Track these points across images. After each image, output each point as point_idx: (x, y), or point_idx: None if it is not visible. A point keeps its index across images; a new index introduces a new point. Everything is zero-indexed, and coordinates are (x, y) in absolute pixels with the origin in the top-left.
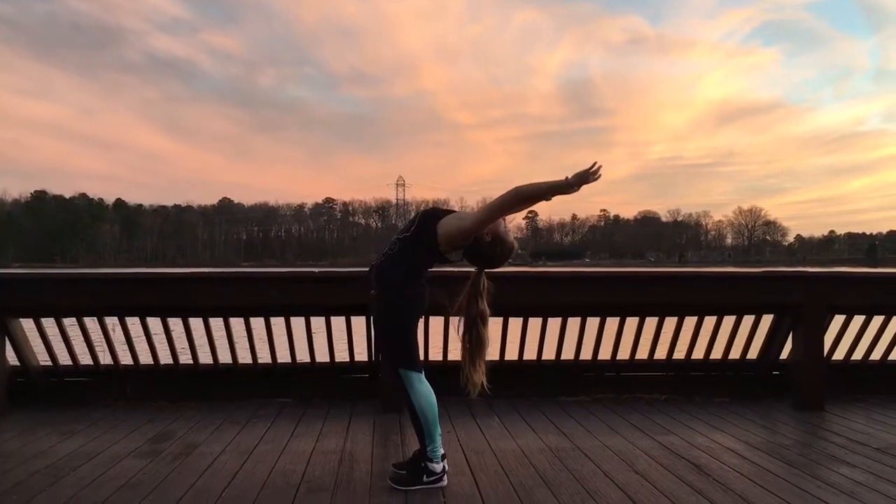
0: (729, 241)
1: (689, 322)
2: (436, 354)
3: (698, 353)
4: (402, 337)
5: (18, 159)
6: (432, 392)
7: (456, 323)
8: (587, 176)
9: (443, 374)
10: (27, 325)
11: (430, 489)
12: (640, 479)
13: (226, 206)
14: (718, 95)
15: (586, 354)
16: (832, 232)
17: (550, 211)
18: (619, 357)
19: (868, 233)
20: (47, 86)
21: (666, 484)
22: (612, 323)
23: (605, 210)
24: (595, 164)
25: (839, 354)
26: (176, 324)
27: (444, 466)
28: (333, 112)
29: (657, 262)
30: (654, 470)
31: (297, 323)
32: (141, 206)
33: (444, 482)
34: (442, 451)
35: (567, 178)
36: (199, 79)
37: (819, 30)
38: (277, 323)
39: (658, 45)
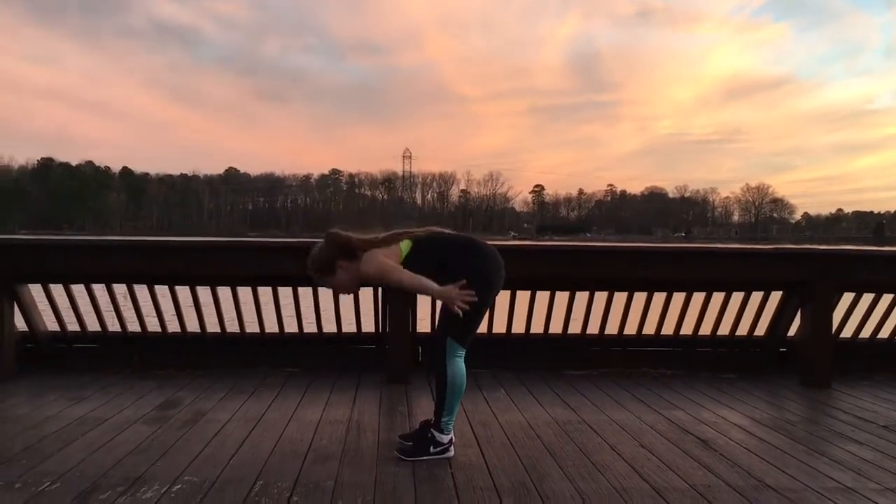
0: (736, 218)
1: (698, 298)
2: None
3: (705, 329)
4: (474, 310)
5: (24, 126)
6: (465, 370)
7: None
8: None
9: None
10: (35, 291)
11: (436, 460)
12: (646, 453)
13: (232, 175)
14: (727, 70)
15: (593, 329)
16: (840, 210)
17: (557, 186)
18: (625, 332)
19: (876, 211)
20: (51, 52)
21: (672, 458)
22: (619, 298)
23: (611, 185)
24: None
25: (847, 332)
26: (184, 292)
27: (451, 438)
28: (338, 82)
29: (664, 238)
30: (661, 444)
31: (305, 293)
32: (147, 174)
33: (451, 453)
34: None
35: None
36: (203, 46)
37: (832, 4)
38: (285, 292)
39: (667, 18)
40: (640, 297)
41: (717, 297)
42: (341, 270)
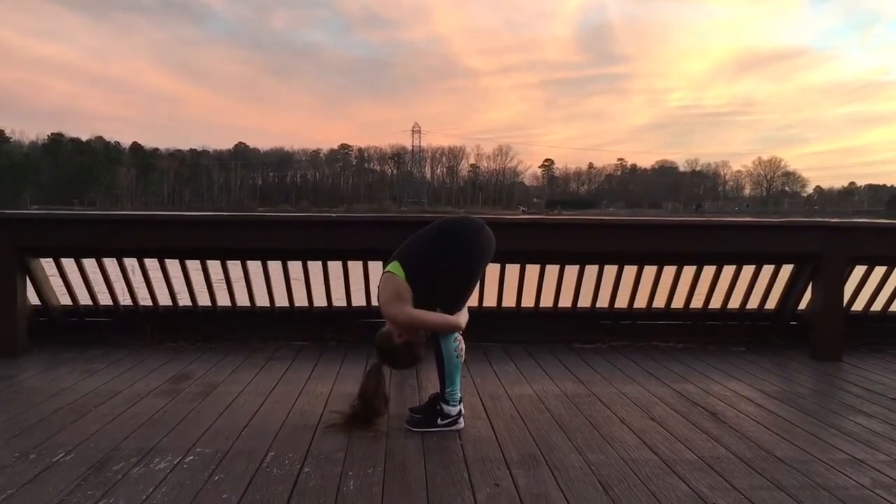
0: (747, 191)
1: (708, 271)
2: None
3: (716, 303)
4: (465, 280)
5: (33, 101)
6: (461, 339)
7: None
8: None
9: None
10: (48, 266)
11: (447, 432)
12: (655, 426)
13: (241, 150)
14: (739, 42)
15: (603, 302)
16: (852, 183)
17: (567, 160)
18: (636, 305)
19: (889, 185)
20: (57, 26)
21: (682, 430)
22: (629, 271)
23: (622, 159)
24: None
25: (858, 305)
26: (194, 266)
27: (460, 410)
28: (347, 56)
29: (674, 212)
30: (670, 417)
31: (315, 267)
32: (157, 149)
33: (461, 425)
34: (460, 396)
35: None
36: (210, 20)
37: None
38: (295, 266)
39: None
40: (650, 271)
41: (728, 270)
42: (404, 338)
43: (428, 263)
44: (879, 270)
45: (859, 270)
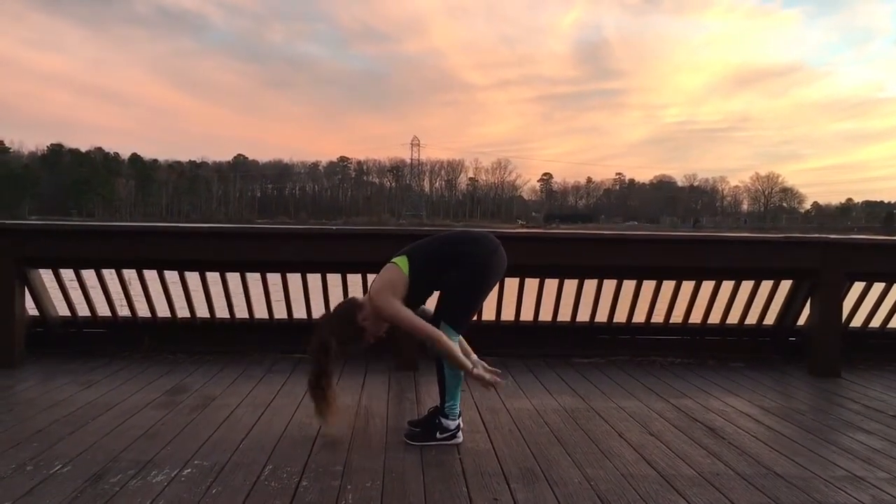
0: (745, 207)
1: (707, 286)
2: None
3: (715, 318)
4: (474, 295)
5: (32, 112)
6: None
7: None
8: (486, 380)
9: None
10: (46, 277)
11: (445, 445)
12: (654, 441)
13: (240, 162)
14: (735, 58)
15: (602, 317)
16: (849, 200)
17: (565, 174)
18: (634, 320)
19: (886, 201)
20: (56, 38)
21: (680, 446)
22: (628, 286)
23: (620, 174)
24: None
25: (857, 322)
26: (193, 278)
27: (458, 424)
28: (345, 69)
29: (672, 227)
30: (669, 432)
31: (314, 279)
32: (156, 160)
33: (459, 439)
34: (459, 410)
35: (475, 369)
36: (208, 32)
37: None
38: (294, 278)
39: (674, 5)
40: (649, 286)
41: (727, 285)
42: (366, 324)
43: (436, 268)
44: (878, 286)
45: (858, 287)
